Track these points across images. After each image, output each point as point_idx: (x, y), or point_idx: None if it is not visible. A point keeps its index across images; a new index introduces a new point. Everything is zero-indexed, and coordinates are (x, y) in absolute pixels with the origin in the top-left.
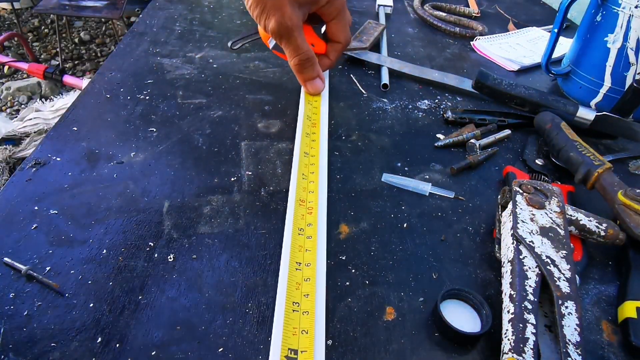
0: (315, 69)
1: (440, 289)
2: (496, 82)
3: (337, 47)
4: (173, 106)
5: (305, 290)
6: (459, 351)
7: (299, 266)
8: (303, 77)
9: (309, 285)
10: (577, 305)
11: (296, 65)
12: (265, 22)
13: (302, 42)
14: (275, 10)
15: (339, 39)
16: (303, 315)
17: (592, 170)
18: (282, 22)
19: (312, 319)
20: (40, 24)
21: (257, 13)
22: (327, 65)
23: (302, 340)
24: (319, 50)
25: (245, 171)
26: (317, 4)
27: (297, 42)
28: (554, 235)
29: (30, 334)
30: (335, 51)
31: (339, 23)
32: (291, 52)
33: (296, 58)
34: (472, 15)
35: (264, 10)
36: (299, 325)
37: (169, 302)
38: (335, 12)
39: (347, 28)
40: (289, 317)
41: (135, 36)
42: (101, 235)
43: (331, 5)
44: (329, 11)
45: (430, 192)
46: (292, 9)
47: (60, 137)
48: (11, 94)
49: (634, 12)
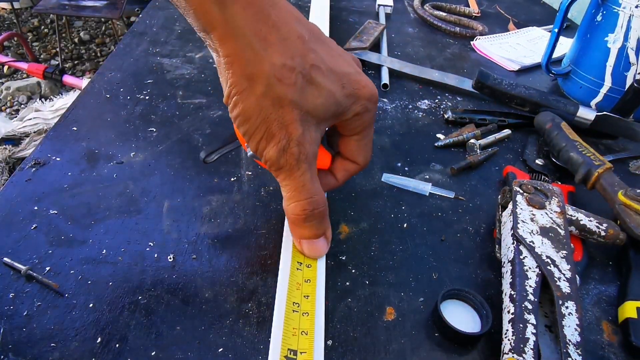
0: (323, 224)
1: (440, 289)
2: (496, 82)
3: (350, 167)
4: (173, 106)
5: (306, 291)
6: (459, 351)
7: (300, 266)
8: (301, 233)
9: (310, 287)
10: (578, 305)
11: (297, 215)
12: (259, 145)
13: (311, 183)
14: (279, 129)
15: (357, 160)
16: (303, 317)
17: (593, 170)
18: (288, 149)
19: (312, 320)
20: (40, 24)
21: (248, 129)
22: (332, 186)
23: (301, 340)
24: (321, 163)
25: (245, 171)
26: (340, 117)
27: (303, 181)
28: (554, 235)
29: (30, 334)
30: (346, 171)
31: (361, 141)
32: (291, 193)
33: (299, 204)
34: (472, 15)
35: (258, 128)
36: (298, 325)
37: (169, 302)
38: (361, 127)
39: (371, 145)
40: (289, 317)
41: (135, 36)
42: (101, 235)
43: (359, 118)
44: (353, 125)
45: (430, 192)
46: (305, 129)
47: (60, 137)
48: (11, 94)
49: (635, 11)
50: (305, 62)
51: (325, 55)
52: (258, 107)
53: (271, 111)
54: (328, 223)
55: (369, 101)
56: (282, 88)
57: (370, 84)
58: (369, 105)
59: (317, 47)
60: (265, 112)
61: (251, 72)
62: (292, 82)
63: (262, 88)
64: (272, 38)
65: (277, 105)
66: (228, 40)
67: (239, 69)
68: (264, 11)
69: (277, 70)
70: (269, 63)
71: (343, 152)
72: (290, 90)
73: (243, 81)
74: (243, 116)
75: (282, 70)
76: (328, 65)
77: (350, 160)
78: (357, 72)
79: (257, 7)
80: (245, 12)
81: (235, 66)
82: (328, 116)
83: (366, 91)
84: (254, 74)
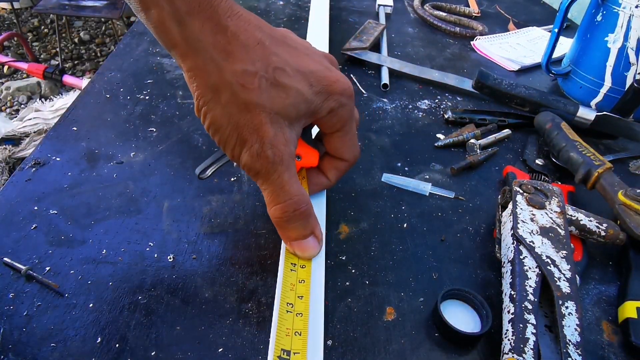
0: (310, 223)
1: (440, 289)
2: (496, 82)
3: (339, 165)
4: (173, 106)
5: (300, 292)
6: (459, 351)
7: (294, 267)
8: (288, 235)
9: (304, 287)
10: (578, 305)
11: (278, 218)
12: (234, 152)
13: (290, 184)
14: (250, 134)
15: (344, 156)
16: (297, 317)
17: (593, 170)
18: (261, 153)
19: (306, 321)
20: (40, 24)
21: (221, 137)
22: (324, 186)
23: (295, 341)
24: (309, 162)
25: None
26: (314, 115)
27: (280, 184)
28: (554, 235)
29: (30, 334)
30: (336, 169)
31: (345, 137)
32: (272, 196)
33: (279, 207)
34: (472, 15)
35: (230, 135)
36: (292, 326)
37: (169, 301)
38: (341, 123)
39: (356, 141)
40: (283, 317)
41: (135, 36)
42: (101, 235)
43: (335, 114)
44: (332, 122)
45: (430, 192)
46: (277, 130)
47: (60, 137)
48: (11, 94)
49: (635, 11)
50: (268, 66)
51: (289, 57)
52: (226, 115)
53: (239, 117)
54: (315, 222)
55: (341, 95)
56: (246, 93)
57: (343, 79)
58: (342, 99)
59: (280, 50)
60: (234, 119)
61: (214, 82)
62: (255, 86)
63: (227, 96)
64: (231, 47)
65: (244, 111)
66: (189, 56)
67: (202, 81)
68: (221, 23)
69: (239, 76)
70: (230, 71)
71: (330, 150)
72: (255, 95)
73: (208, 92)
74: (214, 126)
75: (243, 76)
76: (293, 66)
77: (338, 158)
78: (327, 68)
79: (215, 21)
80: (204, 27)
81: (198, 79)
82: (300, 115)
83: (337, 86)
84: (217, 84)
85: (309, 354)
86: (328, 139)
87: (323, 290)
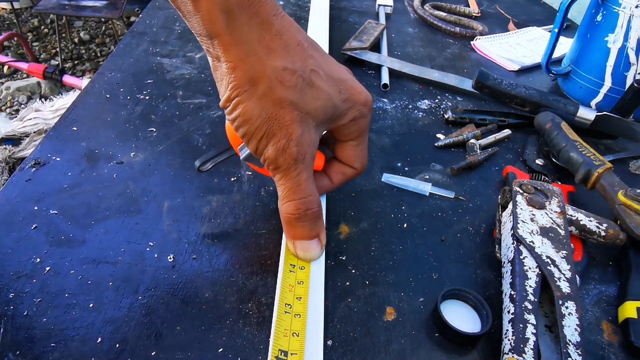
0: (317, 225)
1: (440, 289)
2: (496, 82)
3: (347, 171)
4: (173, 106)
5: (298, 293)
6: (459, 351)
7: (293, 268)
8: (294, 233)
9: (302, 288)
10: (578, 305)
11: (290, 215)
12: (259, 144)
13: (307, 184)
14: (279, 129)
15: (354, 165)
16: (295, 318)
17: (593, 170)
18: (287, 149)
19: (304, 322)
20: (40, 24)
21: (249, 129)
22: (326, 189)
23: (292, 342)
24: (315, 165)
25: (245, 171)
26: (337, 121)
27: (298, 181)
28: (554, 235)
29: (30, 334)
30: (343, 175)
31: (358, 146)
32: (288, 192)
33: (292, 203)
34: (472, 15)
35: (258, 128)
36: (290, 327)
37: (169, 301)
38: (358, 132)
39: (367, 152)
40: (281, 318)
41: (135, 36)
42: (101, 236)
43: (356, 123)
44: (350, 130)
45: (430, 192)
46: (304, 130)
47: (60, 137)
48: (11, 94)
49: (635, 11)
50: (306, 67)
51: (322, 62)
52: (259, 108)
53: (272, 111)
54: (322, 225)
55: (364, 106)
56: (283, 90)
57: (365, 92)
58: (364, 110)
59: (315, 54)
60: (266, 112)
61: (253, 75)
62: (292, 84)
63: (264, 89)
64: (274, 45)
65: (277, 106)
66: (233, 48)
67: (242, 73)
68: (268, 20)
69: (279, 73)
70: (271, 67)
71: (341, 158)
72: (291, 92)
73: (245, 84)
74: (244, 116)
75: (283, 73)
76: (326, 71)
77: (347, 165)
78: (353, 79)
79: (262, 17)
80: (251, 21)
81: (237, 71)
82: (326, 119)
83: (362, 97)
84: (256, 77)
85: (309, 354)
86: (341, 146)
87: (323, 291)
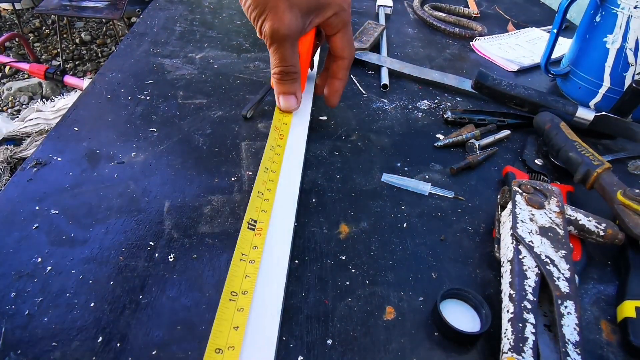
0: (295, 86)
1: (440, 288)
2: (495, 82)
3: (342, 64)
4: (173, 106)
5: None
6: (458, 351)
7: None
8: (279, 90)
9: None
10: (577, 304)
11: (276, 75)
12: (261, 25)
13: (290, 54)
14: (273, 14)
15: (344, 54)
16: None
17: (592, 170)
18: (278, 28)
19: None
20: (41, 25)
21: (255, 15)
22: (341, 86)
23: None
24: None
25: (246, 171)
26: (322, 15)
27: (285, 52)
28: (553, 235)
29: (31, 334)
30: (343, 69)
31: (344, 37)
32: (277, 60)
33: (278, 68)
34: (472, 15)
35: (262, 12)
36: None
37: (170, 301)
38: (341, 24)
39: (352, 42)
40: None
41: (136, 37)
42: (102, 235)
43: (337, 16)
44: (334, 23)
45: (430, 192)
46: (292, 16)
47: (61, 137)
48: (12, 94)
49: (633, 12)
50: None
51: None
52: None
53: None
54: (299, 88)
55: (343, 1)
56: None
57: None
58: (343, 4)
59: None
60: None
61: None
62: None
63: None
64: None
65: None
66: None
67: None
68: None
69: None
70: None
71: (334, 52)
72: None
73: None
74: (253, 4)
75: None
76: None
77: (340, 57)
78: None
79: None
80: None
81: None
82: (310, 10)
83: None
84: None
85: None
86: (332, 40)
87: (283, 290)
